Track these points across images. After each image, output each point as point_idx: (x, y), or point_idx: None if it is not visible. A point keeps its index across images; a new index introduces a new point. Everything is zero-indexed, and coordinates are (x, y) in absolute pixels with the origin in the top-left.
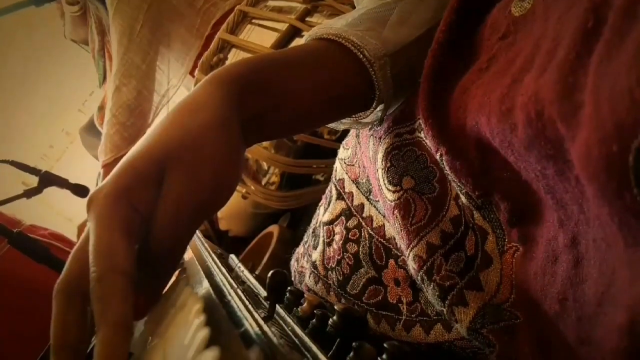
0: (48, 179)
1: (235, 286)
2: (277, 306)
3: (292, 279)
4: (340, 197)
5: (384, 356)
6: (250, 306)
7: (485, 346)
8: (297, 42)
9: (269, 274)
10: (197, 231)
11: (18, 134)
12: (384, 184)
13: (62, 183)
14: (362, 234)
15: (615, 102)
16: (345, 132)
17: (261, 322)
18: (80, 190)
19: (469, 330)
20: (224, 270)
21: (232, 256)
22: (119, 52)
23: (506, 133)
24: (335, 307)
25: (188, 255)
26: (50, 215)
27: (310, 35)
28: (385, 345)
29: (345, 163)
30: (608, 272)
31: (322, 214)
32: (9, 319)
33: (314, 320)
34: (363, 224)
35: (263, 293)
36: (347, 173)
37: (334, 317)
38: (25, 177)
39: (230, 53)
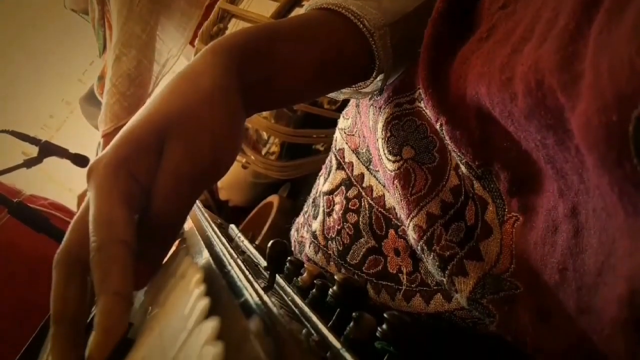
0: (48, 149)
1: (235, 256)
2: (277, 276)
3: (292, 249)
4: (340, 167)
5: (384, 326)
6: (250, 276)
7: (485, 316)
8: (297, 11)
9: (269, 244)
10: (197, 201)
11: (18, 104)
12: (384, 153)
13: (62, 153)
14: (362, 203)
15: (615, 72)
16: (345, 102)
17: (261, 292)
18: (80, 160)
19: (469, 301)
20: (224, 240)
21: (232, 226)
22: (119, 22)
23: (506, 102)
24: (335, 277)
25: (188, 225)
26: (50, 185)
27: (311, 4)
28: (385, 315)
29: (345, 133)
30: (608, 241)
31: (322, 184)
32: (8, 289)
33: (314, 290)
34: (363, 193)
35: (263, 263)
36: (347, 143)
37: (334, 287)
38: (25, 147)
39: (230, 23)
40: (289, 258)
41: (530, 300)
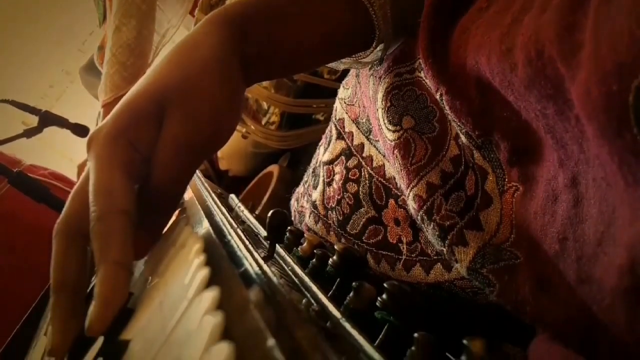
0: (48, 119)
1: (235, 226)
2: (277, 246)
3: (292, 218)
4: (340, 136)
5: (384, 296)
6: (250, 246)
7: (485, 286)
8: None
9: (269, 214)
10: (197, 171)
11: (18, 74)
12: (384, 123)
13: (62, 122)
14: (362, 173)
15: (615, 42)
16: (345, 72)
17: (261, 261)
18: (80, 129)
19: (469, 270)
20: (224, 210)
21: (232, 196)
22: None
23: (506, 72)
24: (335, 247)
25: (188, 195)
26: (50, 154)
27: None
28: (385, 285)
29: (345, 103)
30: (608, 211)
31: (322, 154)
32: (8, 258)
33: (314, 260)
34: (363, 163)
35: (263, 233)
36: (347, 113)
37: (334, 257)
38: (25, 117)
39: None
40: (289, 228)
41: (530, 270)
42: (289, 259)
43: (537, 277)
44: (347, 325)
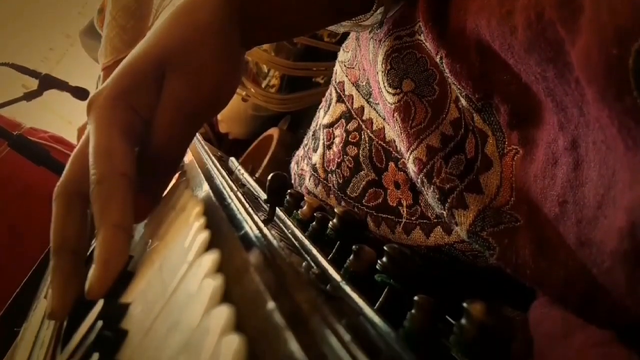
0: (48, 82)
1: (235, 189)
2: (277, 209)
3: (292, 181)
4: (340, 99)
5: (384, 259)
6: (250, 209)
7: (485, 249)
8: None
9: (269, 177)
10: (197, 134)
11: (18, 37)
12: (384, 86)
13: (62, 86)
14: (362, 136)
15: (615, 6)
16: (345, 35)
17: (261, 224)
18: (80, 92)
19: (469, 233)
20: (223, 173)
21: (232, 159)
22: None
23: (506, 35)
24: (335, 210)
25: (188, 158)
26: (51, 118)
27: None
28: (385, 248)
29: (345, 66)
30: (608, 174)
31: (322, 117)
32: (8, 222)
33: (313, 223)
34: (363, 126)
35: (263, 196)
36: (347, 76)
37: (334, 220)
38: (25, 80)
39: None
40: (288, 191)
41: (530, 233)
42: (288, 222)
43: (537, 240)
44: (347, 288)
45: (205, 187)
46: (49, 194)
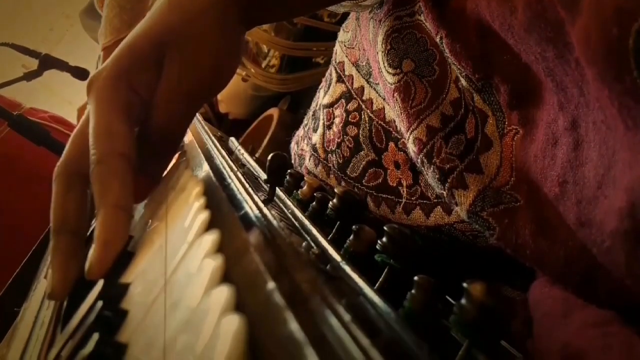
0: (48, 62)
1: (235, 169)
2: (277, 189)
3: (292, 161)
4: (340, 79)
5: (384, 239)
6: (250, 189)
7: (485, 229)
8: None
9: (269, 157)
10: (197, 114)
11: (18, 17)
12: (384, 66)
13: (62, 66)
14: (362, 116)
15: None
16: (345, 15)
17: (261, 204)
18: (80, 72)
19: (469, 213)
20: (223, 153)
21: (232, 139)
22: None
23: (506, 15)
24: (335, 190)
25: (188, 138)
26: (50, 98)
27: None
28: (385, 228)
29: (345, 46)
30: (608, 154)
31: (322, 97)
32: (8, 201)
33: (313, 203)
34: (363, 106)
35: (263, 176)
36: (347, 56)
37: (334, 200)
38: (25, 60)
39: None
40: (288, 171)
41: (530, 213)
42: (288, 202)
43: (537, 220)
44: (347, 269)
45: (205, 167)
46: (49, 174)
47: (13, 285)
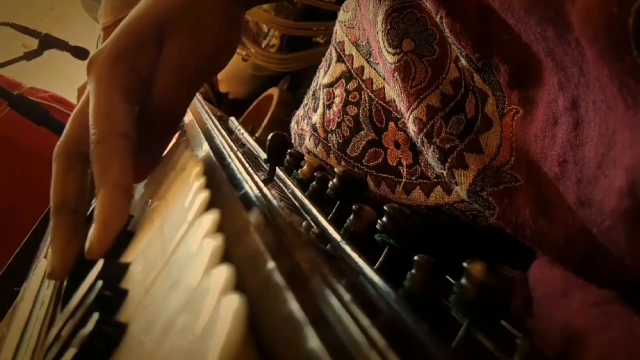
0: (48, 41)
1: (235, 149)
2: (277, 169)
3: (292, 141)
4: (340, 59)
5: (384, 219)
6: (250, 169)
7: (485, 209)
8: None
9: (269, 137)
10: (197, 94)
11: None
12: (384, 46)
13: (62, 45)
14: (362, 96)
15: None
16: None
17: (261, 184)
18: (80, 52)
19: (469, 193)
20: (223, 132)
21: (232, 119)
22: None
23: None
24: (335, 170)
25: (188, 118)
26: (51, 77)
27: None
28: (385, 207)
29: (345, 25)
30: (608, 134)
31: (322, 77)
32: (8, 181)
33: (313, 182)
34: (363, 86)
35: (263, 155)
36: (347, 35)
37: (334, 180)
38: (25, 40)
39: None
40: (288, 150)
41: (530, 193)
42: (288, 182)
43: (537, 200)
44: (347, 248)
45: (205, 146)
46: (48, 154)
47: (13, 265)
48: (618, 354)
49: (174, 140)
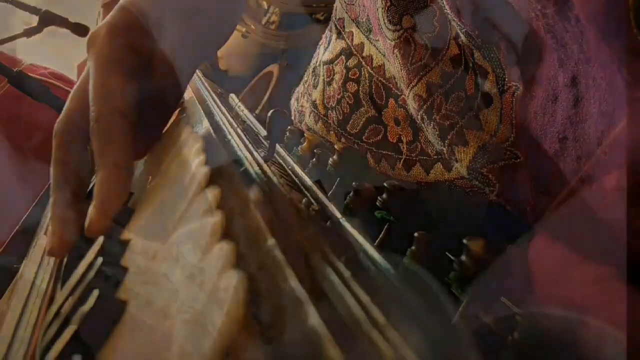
0: (48, 18)
1: (235, 125)
2: (277, 145)
3: (292, 118)
4: (340, 36)
5: (384, 195)
6: (250, 145)
7: (485, 185)
8: None
9: (269, 113)
10: (197, 70)
11: None
12: (384, 23)
13: (63, 22)
14: (362, 73)
15: None
16: None
17: (261, 161)
18: (80, 29)
19: (469, 170)
20: (224, 109)
21: (232, 95)
22: None
23: None
24: (335, 147)
25: (188, 94)
26: (50, 54)
27: None
28: (385, 184)
29: (345, 2)
30: (608, 111)
31: (322, 53)
32: (8, 158)
33: (313, 159)
34: (363, 63)
35: (263, 132)
36: (347, 12)
37: (334, 157)
38: (25, 16)
39: None
40: (288, 127)
41: (530, 169)
42: (288, 159)
43: (537, 177)
44: (347, 225)
45: (206, 123)
46: (48, 131)
47: (13, 242)
48: (618, 331)
49: (174, 117)
